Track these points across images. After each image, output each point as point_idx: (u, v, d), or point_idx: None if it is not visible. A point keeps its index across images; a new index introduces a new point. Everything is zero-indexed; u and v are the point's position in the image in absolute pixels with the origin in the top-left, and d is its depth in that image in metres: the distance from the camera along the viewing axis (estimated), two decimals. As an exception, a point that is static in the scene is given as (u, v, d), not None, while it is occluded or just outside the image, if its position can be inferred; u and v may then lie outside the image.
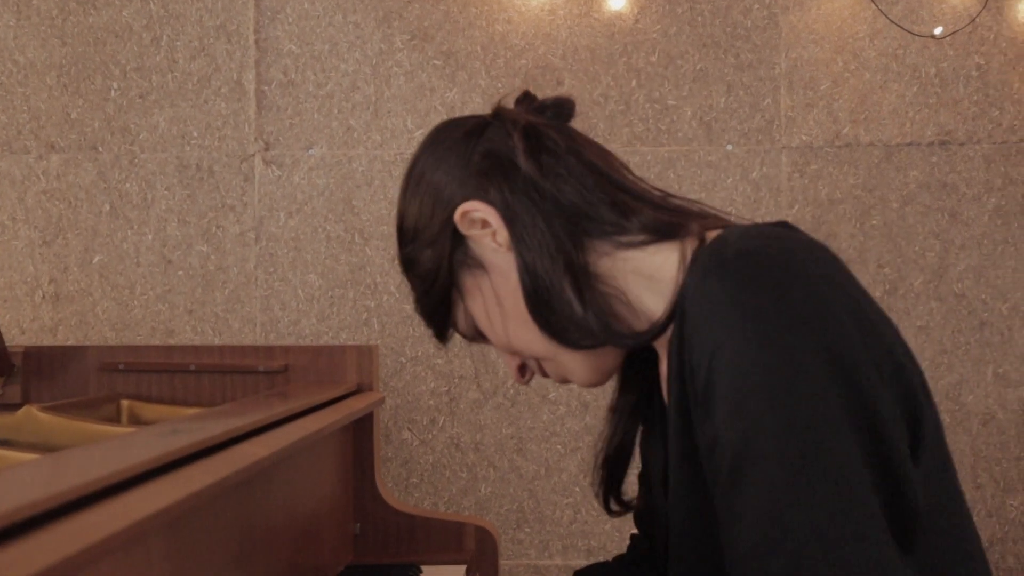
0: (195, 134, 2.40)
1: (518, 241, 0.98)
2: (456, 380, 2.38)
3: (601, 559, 2.09)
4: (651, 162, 2.36)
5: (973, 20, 2.36)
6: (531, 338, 1.01)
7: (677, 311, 0.89)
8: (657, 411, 1.08)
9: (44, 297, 2.41)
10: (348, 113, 2.39)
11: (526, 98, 1.08)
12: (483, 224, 0.99)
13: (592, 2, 2.39)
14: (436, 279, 1.02)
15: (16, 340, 2.31)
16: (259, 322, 2.39)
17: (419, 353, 2.38)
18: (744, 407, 0.79)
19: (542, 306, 0.98)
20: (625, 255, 0.98)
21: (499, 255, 1.00)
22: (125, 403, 1.80)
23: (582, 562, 2.32)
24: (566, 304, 0.97)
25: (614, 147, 2.35)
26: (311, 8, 2.39)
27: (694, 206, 1.02)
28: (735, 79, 2.39)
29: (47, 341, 2.34)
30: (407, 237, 1.05)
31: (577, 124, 1.08)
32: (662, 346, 1.00)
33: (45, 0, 2.40)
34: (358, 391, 1.72)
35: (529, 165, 0.98)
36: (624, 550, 1.27)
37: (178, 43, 2.40)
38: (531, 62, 2.37)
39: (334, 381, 1.72)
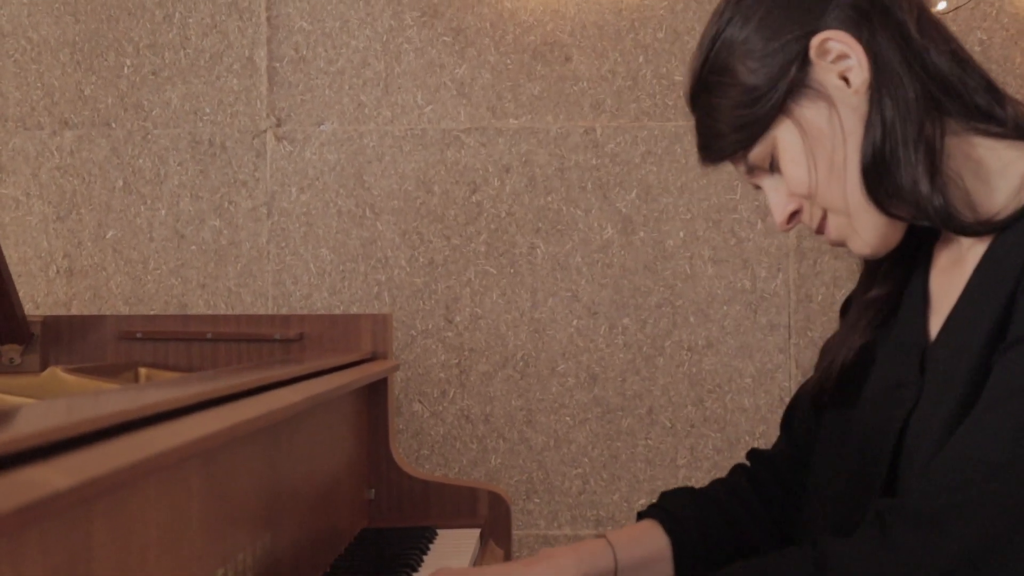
0: (207, 110, 2.43)
1: (879, 90, 0.91)
2: (466, 353, 2.41)
3: (610, 528, 2.11)
4: (658, 136, 2.38)
5: (976, -4, 2.39)
6: (845, 191, 0.95)
7: None
8: (917, 297, 1.02)
9: (58, 272, 2.43)
10: (359, 89, 2.42)
11: None
12: (838, 57, 0.93)
13: (600, -21, 2.42)
14: (763, 97, 0.95)
15: (31, 313, 2.34)
16: (271, 296, 2.42)
17: (429, 326, 2.41)
18: None
19: (881, 168, 0.92)
20: (977, 141, 0.94)
21: (846, 95, 0.94)
22: (143, 371, 1.83)
23: (590, 532, 2.35)
24: (911, 174, 0.91)
25: (622, 122, 2.39)
26: (322, -15, 2.42)
27: None
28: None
29: (61, 315, 2.37)
30: (730, 47, 0.97)
31: (585, 100, 1.06)
32: (954, 241, 0.97)
33: (58, -22, 2.43)
34: (373, 358, 1.74)
35: (912, 19, 0.92)
36: (632, 521, 1.21)
37: (190, 20, 2.43)
38: (539, 38, 2.39)
39: (349, 349, 1.74)
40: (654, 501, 1.18)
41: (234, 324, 1.84)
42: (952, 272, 0.98)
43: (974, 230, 0.93)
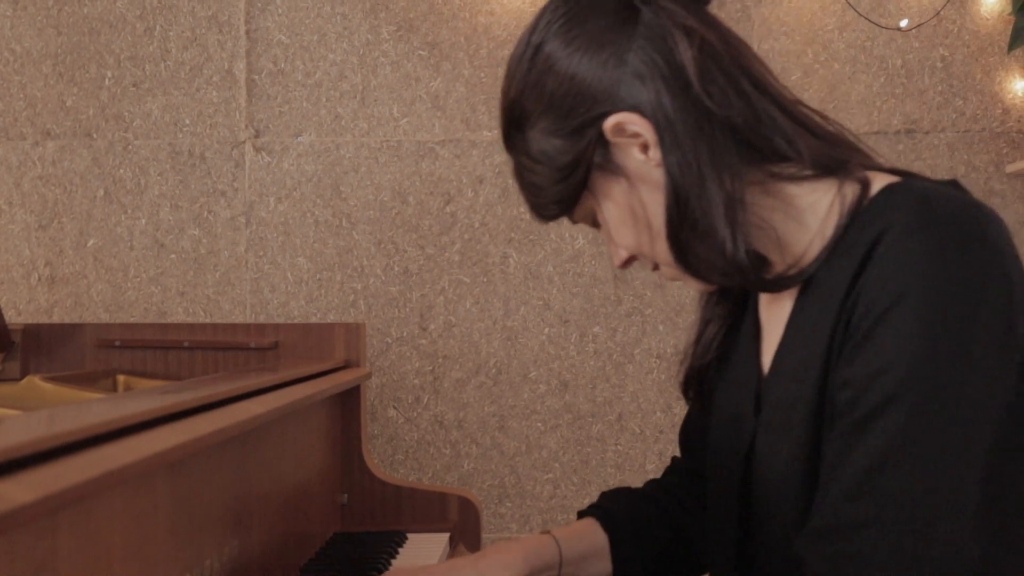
0: (187, 121, 2.47)
1: (674, 162, 0.90)
2: (440, 360, 2.45)
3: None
4: (628, 149, 2.43)
5: (938, 13, 2.45)
6: (665, 251, 0.95)
7: (850, 259, 0.86)
8: (749, 328, 1.04)
9: (40, 279, 2.47)
10: (336, 101, 2.47)
11: None
12: (633, 135, 0.91)
13: (572, -5, 2.46)
14: (568, 175, 0.95)
15: (12, 321, 2.37)
16: (249, 304, 2.46)
17: (404, 334, 2.46)
18: (902, 365, 0.80)
19: (686, 234, 0.92)
20: (779, 187, 0.93)
21: (646, 168, 0.92)
22: (121, 378, 1.85)
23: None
24: (715, 238, 0.90)
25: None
26: (300, 0, 2.47)
27: (845, 134, 0.96)
28: (710, 70, 2.47)
29: (43, 322, 2.40)
30: (526, 119, 0.97)
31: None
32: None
33: (41, -9, 2.47)
34: (346, 366, 1.76)
35: (698, 79, 0.89)
36: None
37: (171, 33, 2.47)
38: (513, 53, 2.44)
39: (323, 357, 1.77)
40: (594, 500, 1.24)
41: (211, 332, 1.87)
42: (779, 301, 0.99)
43: (781, 285, 0.94)
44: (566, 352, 2.45)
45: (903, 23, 2.44)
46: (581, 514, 1.23)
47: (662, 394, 2.43)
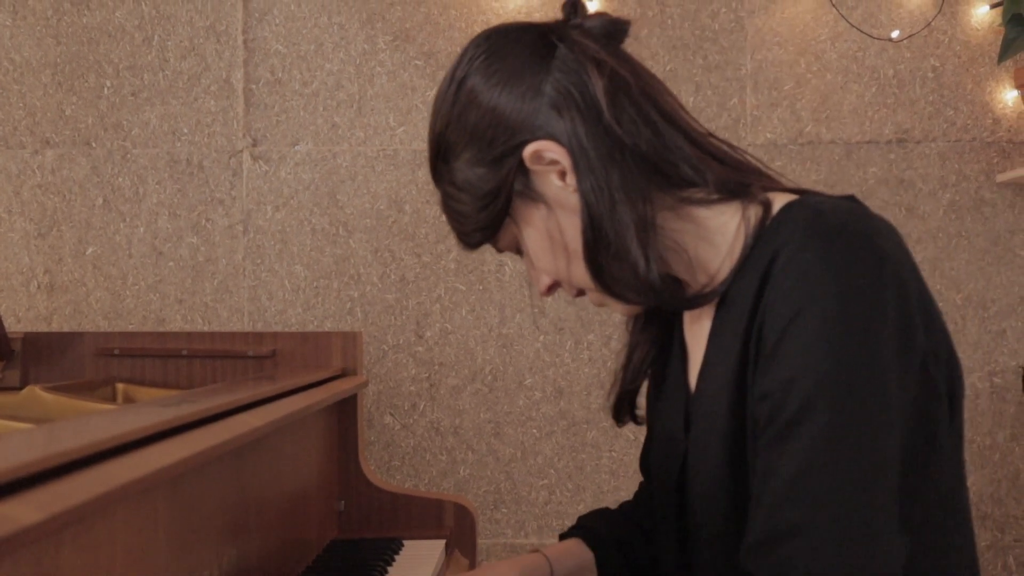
0: (185, 130, 2.49)
1: (588, 187, 0.94)
2: (436, 367, 2.48)
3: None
4: (623, 159, 2.45)
5: (929, 24, 2.47)
6: (583, 274, 0.99)
7: (754, 275, 0.91)
8: (677, 350, 1.08)
9: (39, 287, 2.49)
10: (333, 111, 2.49)
11: (575, 9, 1.02)
12: (551, 162, 0.96)
13: (567, 5, 2.49)
14: (490, 202, 0.99)
15: (12, 328, 2.39)
16: (247, 311, 2.48)
17: (400, 341, 2.48)
18: (811, 372, 0.83)
19: (601, 256, 0.96)
20: (689, 211, 0.97)
21: (564, 193, 0.97)
22: (120, 386, 1.86)
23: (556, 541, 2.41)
24: (628, 259, 0.95)
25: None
26: (297, 10, 2.49)
27: (750, 161, 1.01)
28: (703, 79, 2.50)
29: (42, 329, 2.42)
30: (451, 151, 1.01)
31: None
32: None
33: (40, 0, 2.49)
34: (343, 375, 1.77)
35: (609, 109, 0.94)
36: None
37: (169, 43, 2.49)
38: (508, 62, 2.46)
39: (320, 366, 1.77)
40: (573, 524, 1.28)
41: (209, 341, 1.88)
42: (700, 321, 1.03)
43: (696, 303, 0.98)
44: (561, 359, 2.47)
45: (894, 34, 2.47)
46: (563, 536, 1.26)
47: (656, 401, 2.45)
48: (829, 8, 2.48)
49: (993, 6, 2.45)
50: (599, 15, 1.02)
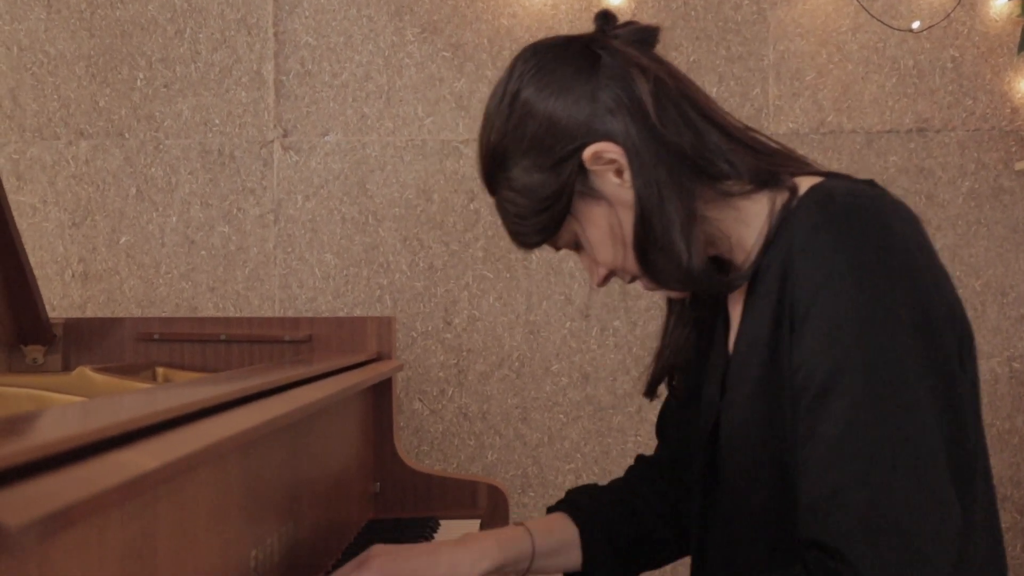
0: (217, 121, 2.53)
1: (640, 184, 1.02)
2: (464, 353, 2.52)
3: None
4: (647, 148, 2.49)
5: (948, 15, 2.51)
6: (636, 264, 1.07)
7: (780, 254, 0.99)
8: (721, 323, 1.15)
9: (74, 276, 2.54)
10: (362, 102, 2.53)
11: (607, 20, 1.11)
12: (609, 162, 1.03)
13: (592, -3, 2.53)
14: (551, 204, 1.06)
15: (52, 316, 2.43)
16: (278, 299, 2.52)
17: (429, 328, 2.52)
18: (838, 341, 0.90)
19: (649, 248, 1.04)
20: (730, 201, 1.05)
21: (621, 190, 1.04)
22: (160, 370, 1.89)
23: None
24: (673, 251, 1.02)
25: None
26: (327, 2, 2.53)
27: (781, 148, 1.09)
28: (726, 70, 2.53)
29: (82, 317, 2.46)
30: (508, 160, 1.07)
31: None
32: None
33: (74, -6, 2.53)
34: (378, 359, 1.81)
35: (655, 110, 1.02)
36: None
37: (201, 35, 2.53)
38: (534, 54, 2.50)
39: (355, 350, 1.80)
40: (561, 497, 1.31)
41: (246, 326, 1.91)
42: (740, 293, 1.10)
43: (731, 286, 1.07)
44: (587, 346, 2.51)
45: (915, 25, 2.50)
46: (550, 509, 1.29)
47: (680, 386, 2.48)
48: (850, 0, 2.51)
49: (1012, -3, 2.49)
50: (630, 24, 1.11)
